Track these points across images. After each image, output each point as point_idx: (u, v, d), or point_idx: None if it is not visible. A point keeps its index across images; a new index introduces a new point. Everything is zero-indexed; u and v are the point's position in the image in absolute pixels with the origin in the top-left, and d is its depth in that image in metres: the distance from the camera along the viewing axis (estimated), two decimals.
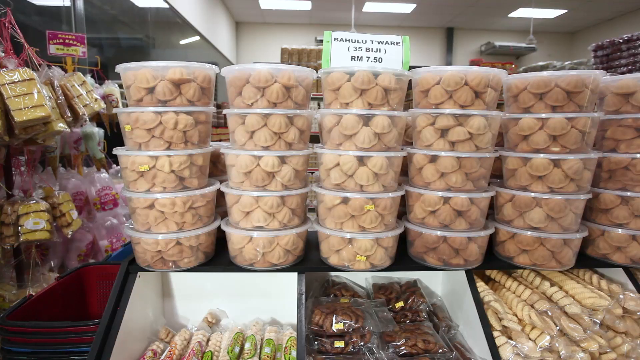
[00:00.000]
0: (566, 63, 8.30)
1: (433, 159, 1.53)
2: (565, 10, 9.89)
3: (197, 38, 8.54)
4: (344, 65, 1.53)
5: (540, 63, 8.74)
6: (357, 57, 1.52)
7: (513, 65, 6.45)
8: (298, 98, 1.50)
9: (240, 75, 1.46)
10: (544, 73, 1.50)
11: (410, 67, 1.59)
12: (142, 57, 6.55)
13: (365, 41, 1.53)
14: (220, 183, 1.64)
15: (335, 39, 1.53)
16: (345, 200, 1.50)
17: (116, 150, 1.49)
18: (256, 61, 11.81)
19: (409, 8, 10.33)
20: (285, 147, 1.50)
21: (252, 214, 1.51)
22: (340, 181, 1.50)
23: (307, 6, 10.21)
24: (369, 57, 1.52)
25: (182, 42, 8.16)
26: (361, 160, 1.47)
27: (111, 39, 5.56)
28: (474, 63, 6.96)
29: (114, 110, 2.58)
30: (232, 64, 11.01)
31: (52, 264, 2.87)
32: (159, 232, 1.48)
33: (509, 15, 10.41)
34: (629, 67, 4.97)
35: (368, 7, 10.23)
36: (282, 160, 1.50)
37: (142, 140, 1.44)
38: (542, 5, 9.55)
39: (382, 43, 1.53)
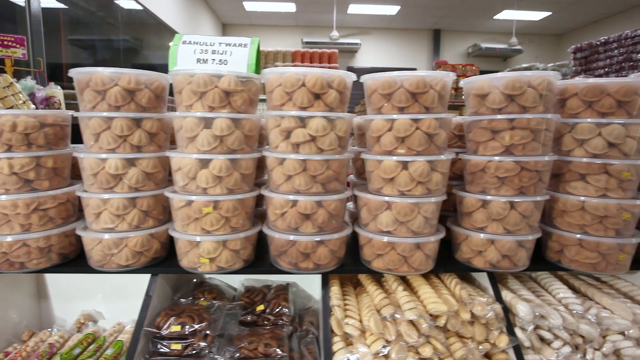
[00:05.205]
0: (549, 65, 8.23)
1: (281, 161, 1.52)
2: (550, 13, 9.79)
3: None
4: (187, 67, 1.53)
5: (524, 65, 8.66)
6: (203, 59, 1.51)
7: (474, 67, 6.38)
8: (143, 101, 1.49)
9: (82, 78, 1.46)
10: (393, 73, 1.48)
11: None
12: (128, 59, 6.59)
13: (213, 43, 1.52)
14: None
15: (183, 42, 1.53)
16: (189, 203, 1.49)
17: None
18: None
19: (393, 10, 10.30)
20: (130, 149, 1.50)
21: (100, 216, 1.51)
22: (184, 184, 1.49)
23: (292, 8, 10.22)
24: (214, 60, 1.51)
25: (170, 44, 8.21)
26: (204, 163, 1.46)
27: (91, 41, 5.60)
28: (438, 64, 6.90)
29: None
30: None
31: None
32: (1, 234, 1.48)
33: (494, 17, 10.33)
34: (606, 69, 4.93)
35: (352, 9, 10.21)
36: (130, 162, 1.50)
37: None
38: (525, 8, 9.47)
39: (229, 45, 1.53)
